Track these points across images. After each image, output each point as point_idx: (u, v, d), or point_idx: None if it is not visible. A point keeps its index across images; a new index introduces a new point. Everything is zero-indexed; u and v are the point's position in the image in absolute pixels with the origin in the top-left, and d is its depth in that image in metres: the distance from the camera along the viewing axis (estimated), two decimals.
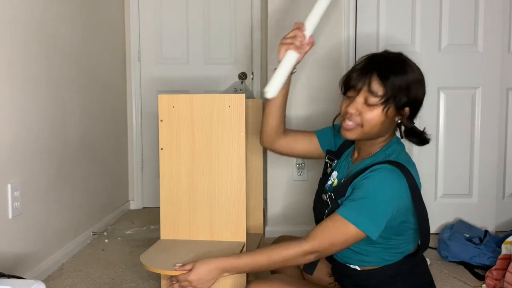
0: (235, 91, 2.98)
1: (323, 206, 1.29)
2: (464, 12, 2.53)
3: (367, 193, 1.14)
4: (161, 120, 1.56)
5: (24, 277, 1.66)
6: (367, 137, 1.24)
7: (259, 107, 2.09)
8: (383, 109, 1.17)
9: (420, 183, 1.23)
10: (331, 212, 1.20)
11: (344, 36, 2.56)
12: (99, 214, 2.71)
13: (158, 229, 1.64)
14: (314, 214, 1.39)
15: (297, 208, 2.61)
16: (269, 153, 2.63)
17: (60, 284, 1.96)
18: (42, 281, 1.52)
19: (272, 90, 1.31)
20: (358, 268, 1.26)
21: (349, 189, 1.20)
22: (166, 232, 1.59)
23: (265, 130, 1.49)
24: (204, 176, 1.55)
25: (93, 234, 2.56)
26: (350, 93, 1.23)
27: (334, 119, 1.40)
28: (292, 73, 1.39)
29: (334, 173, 1.37)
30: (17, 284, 1.19)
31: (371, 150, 1.26)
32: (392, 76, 1.17)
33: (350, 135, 1.24)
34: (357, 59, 2.52)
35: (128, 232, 2.72)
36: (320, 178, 1.44)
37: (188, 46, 3.28)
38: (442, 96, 2.58)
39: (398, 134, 1.32)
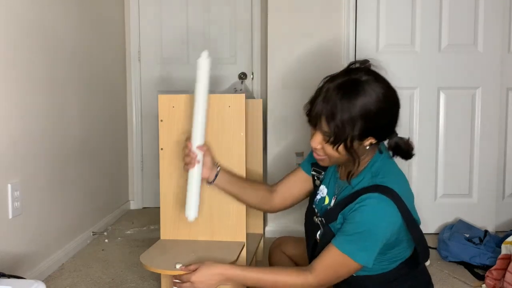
0: (235, 91, 2.98)
1: (314, 229, 1.30)
2: (464, 12, 2.53)
3: (360, 226, 1.13)
4: (161, 120, 1.56)
5: (24, 277, 1.66)
6: (341, 163, 1.24)
7: (259, 107, 2.09)
8: (338, 147, 1.16)
9: (411, 195, 1.23)
10: (324, 236, 1.22)
11: (344, 36, 2.56)
12: (99, 214, 2.71)
13: (158, 229, 1.64)
14: (305, 233, 1.39)
15: (297, 207, 2.60)
16: (269, 153, 2.63)
17: (60, 284, 1.96)
18: (42, 281, 1.52)
19: (192, 213, 1.31)
20: (354, 274, 1.27)
21: (340, 216, 1.20)
22: (166, 232, 1.59)
23: (252, 206, 1.48)
24: None
25: (93, 234, 2.56)
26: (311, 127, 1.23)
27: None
28: (209, 183, 1.40)
29: (323, 187, 1.36)
30: (17, 284, 1.19)
31: (355, 168, 1.24)
32: (339, 114, 1.12)
33: (323, 164, 1.26)
34: (357, 59, 2.55)
35: (128, 232, 2.72)
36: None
37: (188, 46, 3.28)
38: (442, 96, 2.58)
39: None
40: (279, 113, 2.62)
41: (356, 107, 1.12)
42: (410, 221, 1.18)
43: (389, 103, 1.18)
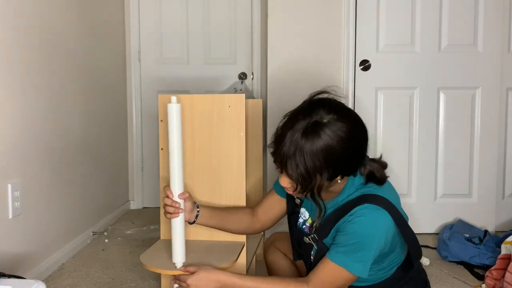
0: (235, 91, 2.98)
1: (308, 249, 1.29)
2: (464, 12, 2.53)
3: (354, 238, 1.12)
4: (161, 120, 1.56)
5: (24, 277, 1.66)
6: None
7: (259, 107, 2.10)
8: (306, 194, 1.15)
9: (397, 196, 1.22)
10: (320, 252, 1.20)
11: (344, 36, 2.56)
12: (99, 214, 2.71)
13: (158, 229, 1.64)
14: (294, 250, 1.39)
15: None
16: (268, 152, 2.63)
17: (60, 284, 1.96)
18: (42, 281, 1.52)
19: (179, 259, 1.30)
20: (354, 284, 1.27)
21: (333, 230, 1.19)
22: (166, 232, 1.59)
23: (236, 233, 1.48)
24: (204, 176, 1.55)
25: (93, 234, 2.56)
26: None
27: None
28: (190, 223, 1.39)
29: (303, 211, 1.35)
30: (17, 284, 1.19)
31: (336, 188, 1.22)
32: (304, 164, 1.09)
33: (297, 197, 1.27)
34: (357, 60, 2.55)
35: (128, 232, 2.72)
36: (288, 215, 1.41)
37: (188, 46, 3.28)
38: (442, 96, 2.58)
39: None
40: (279, 113, 2.61)
41: (321, 154, 1.08)
42: (402, 223, 1.17)
43: (355, 140, 1.13)
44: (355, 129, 1.13)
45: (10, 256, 1.77)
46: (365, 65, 2.56)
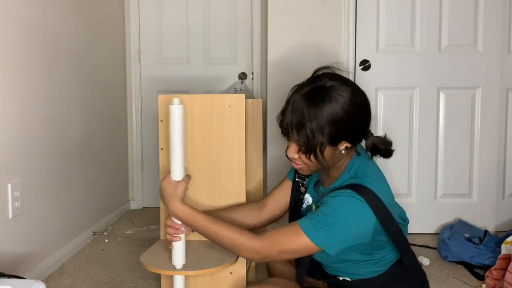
0: (235, 91, 2.98)
1: None
2: (464, 12, 2.53)
3: (329, 210, 1.14)
4: (161, 120, 1.56)
5: (24, 277, 1.66)
6: (320, 170, 1.24)
7: (259, 107, 2.09)
8: (310, 156, 1.17)
9: (390, 194, 1.22)
10: None
11: (344, 36, 2.56)
12: (99, 214, 2.71)
13: (158, 229, 1.64)
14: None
15: None
16: (269, 152, 2.63)
17: (60, 284, 1.96)
18: (42, 281, 1.52)
19: (180, 261, 1.31)
20: (349, 279, 1.27)
21: None
22: None
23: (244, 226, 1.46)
24: (204, 176, 1.55)
25: (93, 234, 2.56)
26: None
27: None
28: (193, 231, 1.38)
29: (307, 196, 1.37)
30: (17, 284, 1.19)
31: (336, 172, 1.25)
32: (307, 123, 1.14)
33: (303, 173, 1.28)
34: (357, 60, 2.55)
35: (128, 232, 2.72)
36: (292, 205, 1.42)
37: (188, 46, 3.28)
38: (442, 96, 2.58)
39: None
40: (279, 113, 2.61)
41: (323, 113, 1.13)
42: (386, 218, 1.17)
43: (357, 106, 1.16)
44: (357, 95, 1.17)
45: (10, 256, 1.77)
46: (365, 65, 2.56)
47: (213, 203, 1.55)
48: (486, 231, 2.31)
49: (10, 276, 1.35)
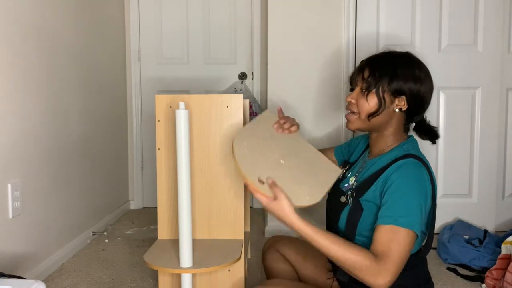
0: (235, 91, 2.98)
1: (339, 208, 1.27)
2: (464, 12, 2.53)
3: (405, 193, 1.12)
4: (158, 121, 1.56)
5: (24, 277, 1.66)
6: (368, 126, 1.27)
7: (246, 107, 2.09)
8: (369, 93, 1.22)
9: (435, 181, 1.23)
10: (353, 211, 1.21)
11: (344, 36, 2.56)
12: (99, 214, 2.71)
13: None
14: (327, 219, 1.37)
15: (296, 211, 2.61)
16: None
17: (60, 284, 1.96)
18: (42, 281, 1.52)
19: (187, 261, 1.32)
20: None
21: (373, 186, 1.19)
22: (164, 231, 1.59)
23: None
24: (201, 176, 1.55)
25: (93, 234, 2.56)
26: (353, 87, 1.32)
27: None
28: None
29: (349, 174, 1.36)
30: (17, 284, 1.19)
31: (384, 146, 1.28)
32: (381, 62, 1.24)
33: (351, 126, 1.30)
34: (357, 59, 2.55)
35: (128, 232, 2.72)
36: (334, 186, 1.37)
37: (188, 46, 3.28)
38: (442, 96, 2.57)
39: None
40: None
41: (398, 65, 1.23)
42: (434, 195, 1.18)
43: (427, 78, 1.26)
44: (429, 76, 1.27)
45: (10, 256, 1.77)
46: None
47: (211, 202, 1.55)
48: (485, 231, 2.31)
49: (10, 276, 1.35)
